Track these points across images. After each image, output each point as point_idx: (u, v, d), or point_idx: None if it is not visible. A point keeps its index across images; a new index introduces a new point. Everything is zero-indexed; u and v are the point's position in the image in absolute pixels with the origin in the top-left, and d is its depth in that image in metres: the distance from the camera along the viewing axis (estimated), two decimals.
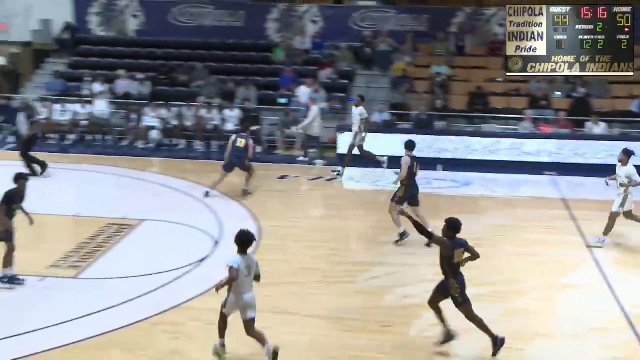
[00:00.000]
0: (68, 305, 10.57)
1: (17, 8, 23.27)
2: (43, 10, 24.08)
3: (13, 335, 9.61)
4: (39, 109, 20.71)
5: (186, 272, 11.74)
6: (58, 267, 11.86)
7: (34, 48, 24.58)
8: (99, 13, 24.48)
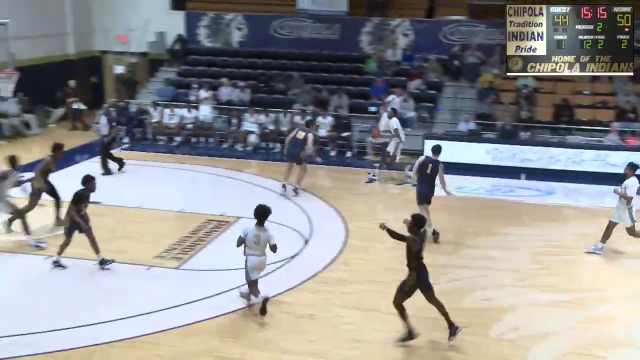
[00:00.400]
0: (170, 293, 10.84)
1: (136, 22, 24.03)
2: (159, 24, 24.80)
3: (123, 318, 9.93)
4: (152, 113, 21.34)
5: (278, 268, 11.82)
6: (163, 257, 12.17)
7: (150, 58, 25.31)
8: (207, 26, 24.98)
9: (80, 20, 25.13)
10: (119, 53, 24.25)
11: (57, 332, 9.53)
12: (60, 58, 24.33)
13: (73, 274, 11.50)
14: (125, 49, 24.16)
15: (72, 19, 24.83)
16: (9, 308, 10.21)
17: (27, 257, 12.05)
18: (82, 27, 25.20)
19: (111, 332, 9.54)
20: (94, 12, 25.56)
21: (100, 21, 25.21)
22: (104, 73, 25.86)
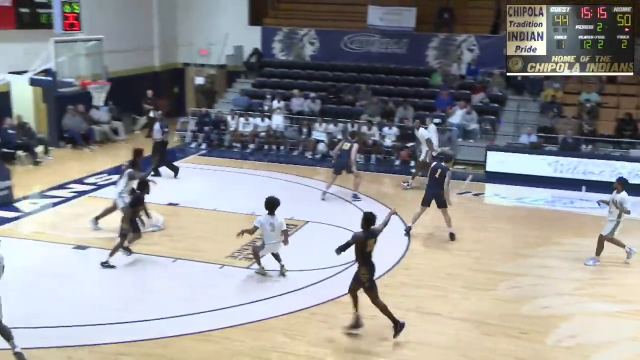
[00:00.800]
0: (240, 291, 10.93)
1: (216, 37, 24.44)
2: (237, 38, 25.17)
3: (196, 313, 10.05)
4: (229, 121, 21.63)
5: (342, 270, 11.75)
6: (234, 257, 12.27)
7: (228, 70, 25.70)
8: (282, 40, 25.20)
9: (166, 35, 25.74)
10: (199, 65, 24.71)
11: (135, 324, 9.72)
12: (147, 70, 24.97)
13: (150, 269, 11.72)
14: (206, 62, 24.61)
15: (158, 34, 25.46)
16: (91, 298, 10.46)
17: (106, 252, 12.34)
18: (167, 42, 25.82)
19: (185, 326, 9.67)
20: (179, 27, 26.14)
21: (184, 36, 25.76)
22: (186, 84, 26.39)
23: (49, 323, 9.59)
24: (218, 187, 17.12)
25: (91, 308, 10.12)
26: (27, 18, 18.84)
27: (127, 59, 22.99)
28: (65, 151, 20.25)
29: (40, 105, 20.72)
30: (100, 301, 10.39)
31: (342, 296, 10.70)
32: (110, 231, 13.09)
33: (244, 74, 25.25)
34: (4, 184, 14.76)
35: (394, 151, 20.13)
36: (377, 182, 18.40)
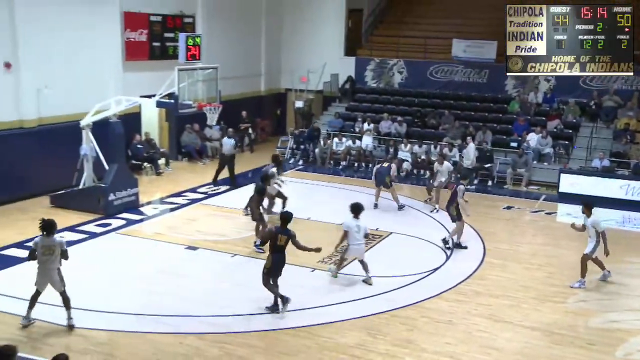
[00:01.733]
0: (329, 293, 10.98)
1: (315, 65, 24.76)
2: (333, 67, 25.39)
3: (290, 310, 10.17)
4: (325, 141, 21.81)
5: (422, 278, 11.65)
6: (325, 262, 12.34)
7: (324, 95, 25.96)
8: (373, 69, 25.23)
9: (271, 64, 26.31)
10: (299, 90, 25.06)
11: (236, 317, 9.94)
12: (254, 94, 25.57)
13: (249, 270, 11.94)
14: (305, 87, 24.94)
15: (265, 63, 26.06)
16: (199, 293, 10.77)
17: (213, 252, 12.70)
18: (272, 69, 26.38)
19: (278, 321, 9.81)
20: (283, 57, 26.66)
21: (287, 65, 26.24)
22: (287, 106, 26.86)
23: (163, 312, 9.94)
24: (312, 199, 17.29)
25: (199, 302, 10.42)
26: (157, 50, 19.81)
27: (238, 84, 23.64)
28: (182, 164, 21.00)
29: (163, 124, 21.64)
30: (206, 296, 10.68)
31: (421, 301, 10.61)
32: (216, 234, 13.49)
33: (339, 99, 25.44)
34: (132, 191, 15.45)
35: (473, 171, 19.73)
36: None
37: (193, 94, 14.68)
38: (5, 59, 15.23)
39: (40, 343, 8.83)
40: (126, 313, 9.83)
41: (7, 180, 15.13)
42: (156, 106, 15.56)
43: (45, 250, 9.01)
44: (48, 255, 9.01)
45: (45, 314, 9.62)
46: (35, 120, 16.04)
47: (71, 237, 13.15)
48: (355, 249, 11.15)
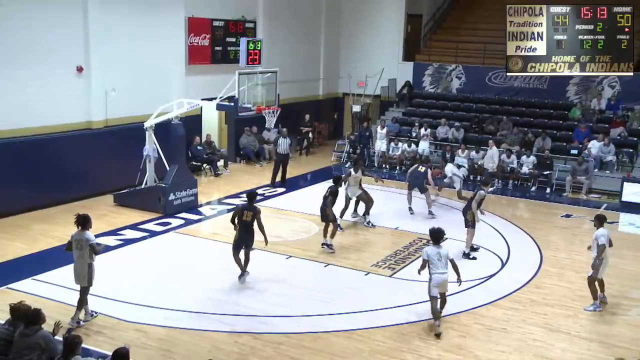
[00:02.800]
0: (382, 297, 10.94)
1: (373, 70, 24.70)
2: (391, 72, 25.29)
3: (342, 312, 10.20)
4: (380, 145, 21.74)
5: (476, 285, 11.47)
6: (379, 266, 12.32)
7: (381, 99, 25.90)
8: (431, 74, 25.00)
9: (330, 68, 26.44)
10: (357, 95, 25.07)
11: (291, 318, 10.03)
12: (312, 98, 25.75)
13: (305, 272, 12.05)
14: (362, 92, 24.93)
15: (324, 68, 26.23)
16: (254, 293, 10.92)
17: (268, 253, 12.84)
18: (330, 74, 26.51)
19: (332, 323, 9.84)
20: (341, 62, 26.76)
21: (345, 69, 26.30)
22: (344, 111, 26.92)
23: (220, 310, 10.12)
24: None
25: (254, 301, 10.56)
26: (219, 55, 20.22)
27: (296, 88, 23.85)
28: (240, 166, 21.32)
29: (222, 126, 22.05)
30: (262, 296, 10.81)
31: (475, 308, 10.46)
32: (272, 236, 13.60)
33: (396, 104, 25.32)
34: (192, 192, 15.80)
35: (531, 178, 19.32)
36: (512, 206, 17.76)
37: (252, 97, 14.92)
38: (78, 63, 15.84)
39: (102, 336, 9.14)
40: (184, 310, 10.05)
41: (74, 179, 15.72)
42: (216, 109, 15.89)
43: (77, 244, 9.37)
44: (78, 249, 9.35)
45: (109, 308, 9.96)
46: (102, 121, 16.63)
47: (132, 234, 13.57)
48: (438, 279, 9.64)
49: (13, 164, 14.48)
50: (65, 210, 15.07)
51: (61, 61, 15.48)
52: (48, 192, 15.12)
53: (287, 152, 18.58)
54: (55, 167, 15.27)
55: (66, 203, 15.40)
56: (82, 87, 16.05)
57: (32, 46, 14.65)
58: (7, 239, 13.03)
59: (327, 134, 26.34)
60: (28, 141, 14.78)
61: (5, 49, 14.21)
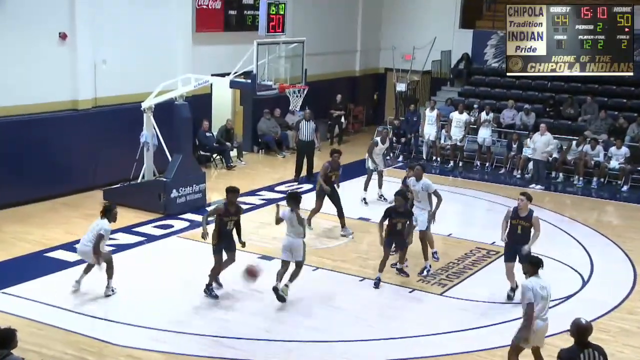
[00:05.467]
0: (431, 320, 10.76)
1: (422, 41, 24.47)
2: (445, 42, 25.01)
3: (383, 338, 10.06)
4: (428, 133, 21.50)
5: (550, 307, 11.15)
6: (427, 282, 12.15)
7: (432, 76, 25.66)
8: (496, 45, 24.59)
9: (369, 39, 26.29)
10: (402, 71, 24.84)
11: (317, 344, 9.92)
12: (346, 74, 25.63)
13: (336, 287, 11.91)
14: (409, 67, 24.70)
15: (361, 37, 26.07)
16: (272, 311, 10.82)
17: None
18: (369, 45, 26.35)
19: (371, 351, 9.76)
20: (383, 30, 26.57)
21: (388, 39, 26.11)
22: (386, 90, 26.72)
23: (232, 334, 10.04)
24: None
25: (273, 322, 10.47)
26: (233, 20, 20.20)
27: (327, 62, 23.75)
28: (257, 156, 21.31)
29: (237, 108, 22.04)
30: (283, 316, 10.71)
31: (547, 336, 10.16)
32: None
33: (450, 82, 25.04)
34: (198, 187, 15.79)
35: (621, 175, 18.87)
36: (597, 210, 17.39)
37: (274, 73, 14.80)
38: (60, 29, 15.94)
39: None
40: (187, 333, 10.01)
41: (56, 170, 15.84)
42: (230, 87, 15.81)
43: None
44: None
45: (95, 328, 9.97)
46: (90, 100, 16.73)
47: (126, 239, 13.59)
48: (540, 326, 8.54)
49: None
50: (45, 208, 15.24)
51: (40, 27, 15.54)
52: (24, 187, 15.25)
53: (311, 139, 18.45)
54: (33, 156, 15.38)
55: (46, 200, 15.55)
56: (65, 59, 16.14)
57: (4, 8, 14.73)
58: None
59: (365, 119, 26.19)
60: (0, 124, 14.89)
61: None
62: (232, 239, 11.19)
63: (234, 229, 11.18)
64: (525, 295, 8.28)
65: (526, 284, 8.36)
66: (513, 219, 10.95)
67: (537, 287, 8.31)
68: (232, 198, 11.12)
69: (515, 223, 10.93)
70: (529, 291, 8.25)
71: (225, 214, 11.01)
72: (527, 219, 10.86)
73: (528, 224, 10.86)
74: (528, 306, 8.24)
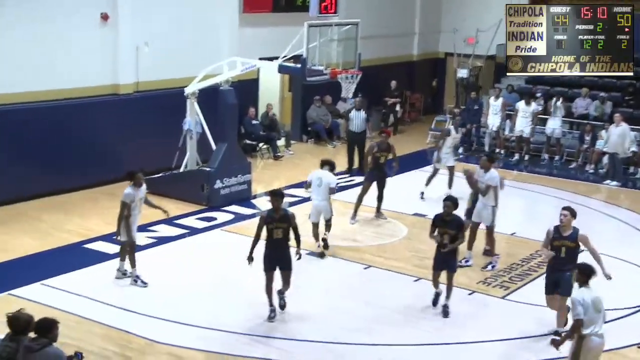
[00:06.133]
0: (492, 325, 10.73)
1: (488, 23, 24.18)
2: None
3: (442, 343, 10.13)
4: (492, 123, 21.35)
5: (624, 316, 11.07)
6: (488, 284, 12.13)
7: (497, 62, 25.37)
8: None
9: (428, 21, 26.18)
10: (464, 56, 24.65)
11: (368, 347, 10.00)
12: (402, 59, 25.56)
13: (389, 286, 11.96)
14: (472, 52, 24.49)
15: (420, 19, 25.98)
16: (324, 311, 10.94)
17: (341, 261, 12.82)
18: (428, 28, 26.23)
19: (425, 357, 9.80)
20: (444, 12, 26.43)
21: (449, 21, 25.95)
22: (446, 77, 26.57)
23: (273, 333, 10.21)
24: None
25: (319, 322, 10.57)
26: (283, 0, 20.29)
27: (382, 46, 23.73)
28: (306, 146, 21.43)
29: (285, 95, 22.19)
30: (329, 316, 10.82)
31: (619, 348, 10.08)
32: (347, 239, 13.61)
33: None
34: (244, 178, 15.98)
35: None
36: None
37: (325, 57, 14.86)
38: (101, 9, 16.30)
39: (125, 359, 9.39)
40: (228, 331, 10.18)
41: (95, 159, 16.21)
42: (278, 71, 15.95)
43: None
44: None
45: (135, 325, 10.25)
46: (131, 85, 17.05)
47: (167, 231, 13.85)
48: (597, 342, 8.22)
49: (21, 137, 15.03)
50: (84, 197, 15.61)
51: (81, 7, 15.93)
52: (62, 175, 15.67)
53: (362, 130, 18.46)
54: (73, 142, 15.78)
55: (85, 189, 15.95)
56: (107, 41, 16.50)
57: None
58: (12, 232, 13.57)
59: (423, 107, 26.10)
60: (39, 109, 15.30)
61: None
62: (284, 251, 10.37)
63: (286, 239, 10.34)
64: (574, 310, 8.03)
65: (575, 297, 8.15)
66: (556, 239, 9.89)
67: (589, 300, 8.04)
68: (275, 203, 10.35)
69: (559, 244, 9.86)
70: (579, 305, 7.96)
71: (270, 221, 10.27)
72: (571, 238, 9.87)
73: (574, 244, 9.87)
74: (576, 322, 7.99)
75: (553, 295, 10.12)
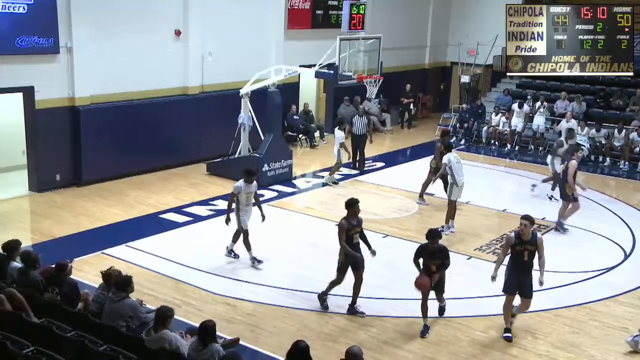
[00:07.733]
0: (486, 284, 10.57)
1: (486, 37, 23.79)
2: None
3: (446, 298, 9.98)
4: (493, 119, 21.05)
5: (592, 277, 10.88)
6: (482, 251, 11.99)
7: (493, 70, 24.99)
8: None
9: (438, 35, 25.82)
10: (466, 64, 24.30)
11: (386, 300, 9.95)
12: (416, 67, 25.26)
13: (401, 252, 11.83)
14: (473, 61, 24.14)
15: (431, 35, 25.64)
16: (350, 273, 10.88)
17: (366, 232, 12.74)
18: (437, 42, 25.88)
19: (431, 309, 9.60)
20: (451, 28, 26.05)
21: (455, 37, 25.58)
22: (452, 81, 26.24)
23: (312, 288, 10.12)
24: (472, 182, 16.77)
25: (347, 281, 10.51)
26: (320, 19, 20.17)
27: (401, 56, 23.46)
28: None
29: (321, 95, 22.07)
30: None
31: (589, 303, 9.94)
32: (369, 212, 13.50)
33: (510, 75, 24.32)
34: (286, 163, 15.97)
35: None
36: None
37: (353, 64, 14.77)
38: (176, 26, 16.30)
39: (191, 307, 9.43)
40: (273, 286, 10.21)
41: (169, 146, 16.29)
42: (315, 76, 15.89)
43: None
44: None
45: (198, 279, 10.28)
46: (198, 87, 17.07)
47: (224, 205, 13.77)
48: None
49: (111, 129, 15.15)
50: (160, 177, 15.72)
51: (160, 24, 15.98)
52: (143, 158, 15.78)
53: (363, 133, 18.14)
54: (151, 133, 15.86)
55: (160, 170, 16.04)
56: (179, 52, 16.52)
57: (132, 9, 15.16)
58: (105, 204, 13.72)
59: (433, 106, 25.82)
60: (126, 106, 15.42)
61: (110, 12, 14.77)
62: (360, 253, 9.48)
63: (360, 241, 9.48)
64: None
65: None
66: (517, 245, 8.79)
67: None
68: (353, 213, 9.27)
69: (521, 249, 8.77)
70: None
71: (350, 229, 9.21)
72: (532, 242, 8.77)
73: (534, 248, 8.78)
74: None
75: (513, 295, 9.02)
